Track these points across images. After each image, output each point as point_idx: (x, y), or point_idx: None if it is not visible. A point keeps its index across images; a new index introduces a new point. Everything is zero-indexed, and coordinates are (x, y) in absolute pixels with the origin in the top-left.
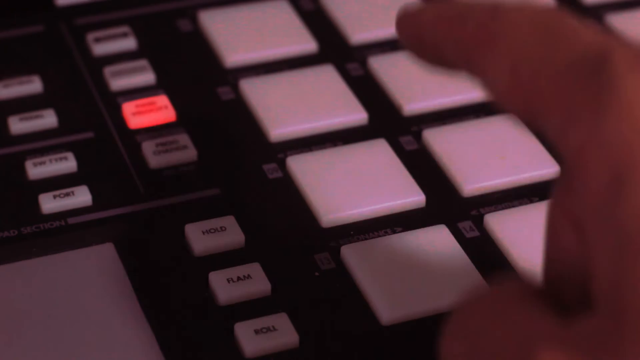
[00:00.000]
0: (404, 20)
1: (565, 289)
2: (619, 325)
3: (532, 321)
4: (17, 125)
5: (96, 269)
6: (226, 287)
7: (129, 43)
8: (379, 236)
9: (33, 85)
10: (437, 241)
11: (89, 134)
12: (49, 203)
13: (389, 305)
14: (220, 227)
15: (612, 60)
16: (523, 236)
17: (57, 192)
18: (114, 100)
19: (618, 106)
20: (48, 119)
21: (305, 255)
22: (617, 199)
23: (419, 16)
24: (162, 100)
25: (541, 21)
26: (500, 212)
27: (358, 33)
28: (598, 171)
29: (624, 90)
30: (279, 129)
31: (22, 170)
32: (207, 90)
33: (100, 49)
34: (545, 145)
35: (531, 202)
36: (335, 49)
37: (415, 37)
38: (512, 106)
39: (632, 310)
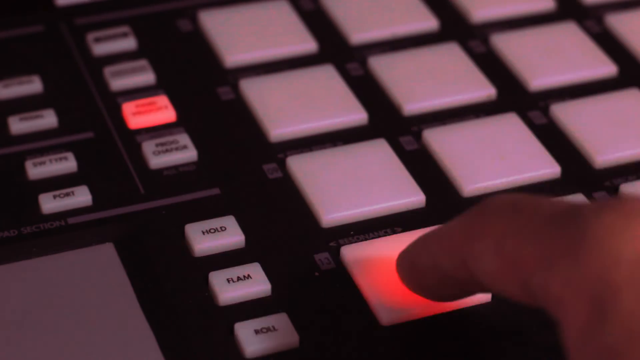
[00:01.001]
0: (401, 258)
1: None
2: None
3: None
4: (17, 125)
5: (96, 269)
6: (226, 287)
7: (129, 43)
8: (379, 236)
9: (33, 85)
10: None
11: (89, 134)
12: (49, 203)
13: (388, 306)
14: (220, 227)
15: (580, 210)
16: None
17: (57, 192)
18: (114, 100)
19: (589, 245)
20: (48, 119)
21: (305, 255)
22: (599, 327)
23: (414, 248)
24: (162, 100)
25: (513, 201)
26: None
27: (358, 33)
28: (579, 307)
29: (593, 231)
30: (279, 129)
31: (22, 170)
32: (207, 90)
33: (100, 49)
34: (545, 145)
35: None
36: (335, 49)
37: (414, 269)
38: (505, 283)
39: None
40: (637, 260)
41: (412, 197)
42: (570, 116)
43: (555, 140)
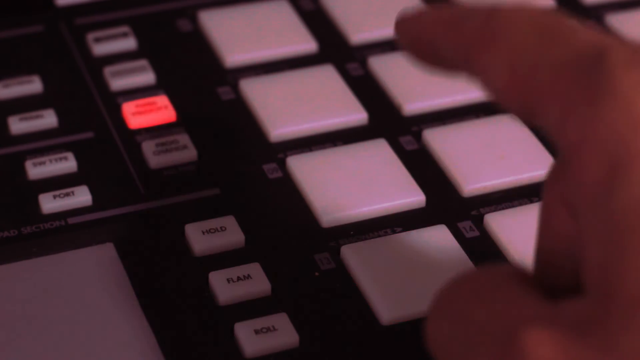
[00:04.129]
0: (403, 22)
1: (555, 274)
2: (607, 310)
3: (519, 301)
4: (17, 125)
5: (96, 269)
6: (226, 287)
7: (129, 43)
8: (379, 236)
9: (33, 85)
10: (437, 241)
11: (89, 134)
12: (49, 203)
13: (389, 305)
14: (220, 227)
15: (609, 57)
16: (523, 236)
17: (57, 192)
18: (114, 100)
19: (614, 102)
20: (48, 119)
21: (305, 255)
22: (611, 190)
23: (419, 19)
24: (162, 100)
25: (539, 21)
26: (500, 212)
27: (358, 33)
28: (594, 164)
29: (620, 86)
30: (279, 129)
31: (22, 170)
32: (207, 90)
33: (100, 49)
34: (545, 145)
35: (531, 202)
36: (335, 49)
37: (414, 39)
38: (510, 103)
39: (620, 296)
40: None
41: (412, 197)
42: None
43: None
